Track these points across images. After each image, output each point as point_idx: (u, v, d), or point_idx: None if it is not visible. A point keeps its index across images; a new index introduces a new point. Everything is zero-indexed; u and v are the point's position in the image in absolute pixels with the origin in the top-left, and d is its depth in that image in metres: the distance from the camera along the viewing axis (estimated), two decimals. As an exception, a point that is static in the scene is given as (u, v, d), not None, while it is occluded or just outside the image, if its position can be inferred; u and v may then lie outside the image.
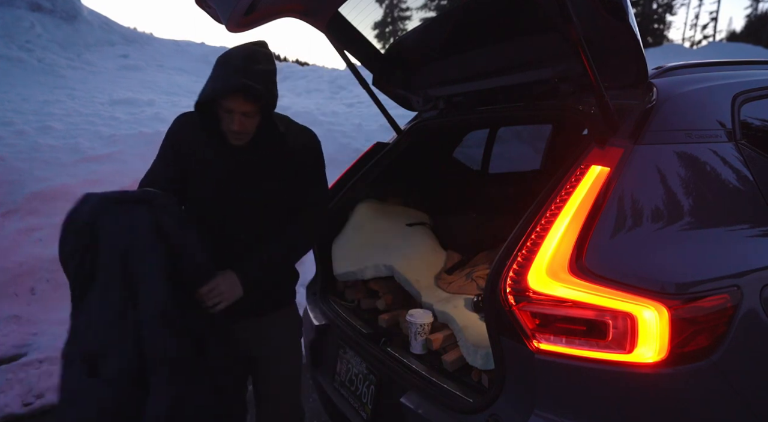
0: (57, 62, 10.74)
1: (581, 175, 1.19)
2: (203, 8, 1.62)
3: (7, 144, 5.16)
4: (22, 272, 3.88)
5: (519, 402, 1.14)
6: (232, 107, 1.31)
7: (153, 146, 1.28)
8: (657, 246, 1.12)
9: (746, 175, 1.31)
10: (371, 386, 1.65)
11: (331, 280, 2.20)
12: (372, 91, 2.24)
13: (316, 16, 1.90)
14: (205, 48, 16.29)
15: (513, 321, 1.11)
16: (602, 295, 1.05)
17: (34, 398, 2.82)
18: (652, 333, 1.03)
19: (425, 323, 1.66)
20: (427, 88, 2.27)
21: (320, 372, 2.00)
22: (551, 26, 1.53)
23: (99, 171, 4.98)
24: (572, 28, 1.12)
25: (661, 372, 1.03)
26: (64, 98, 7.98)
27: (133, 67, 12.13)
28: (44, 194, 4.52)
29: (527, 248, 1.14)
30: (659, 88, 1.35)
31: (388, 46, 2.22)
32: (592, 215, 1.12)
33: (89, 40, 13.20)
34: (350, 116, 8.28)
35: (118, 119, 6.91)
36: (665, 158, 1.23)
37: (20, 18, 11.91)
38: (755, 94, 1.48)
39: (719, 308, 1.08)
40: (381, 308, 2.01)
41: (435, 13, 2.18)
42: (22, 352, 3.23)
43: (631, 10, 1.20)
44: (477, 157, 3.18)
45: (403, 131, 2.37)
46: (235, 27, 1.65)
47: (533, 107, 1.71)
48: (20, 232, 4.15)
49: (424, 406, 1.38)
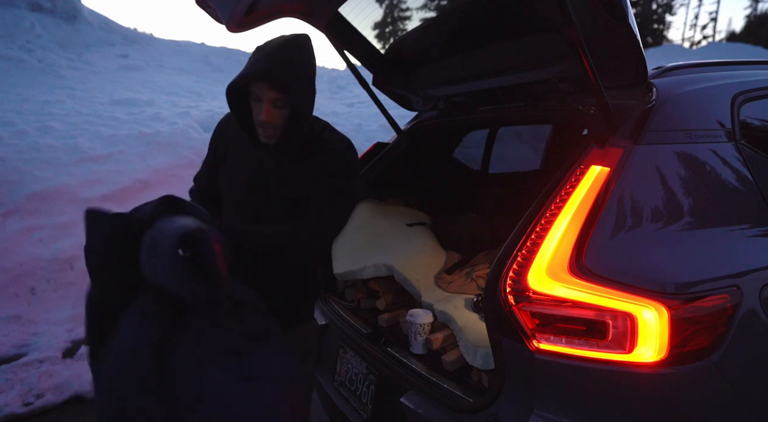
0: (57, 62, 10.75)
1: (581, 175, 1.19)
2: (203, 8, 1.62)
3: (7, 144, 5.17)
4: (22, 272, 3.88)
5: (519, 402, 1.14)
6: (259, 93, 1.27)
7: (153, 146, 1.27)
8: (657, 246, 1.12)
9: (746, 175, 1.31)
10: (371, 386, 1.65)
11: (331, 280, 2.20)
12: (372, 91, 2.24)
13: (316, 16, 1.91)
14: (206, 48, 16.31)
15: (513, 321, 1.12)
16: (602, 295, 1.05)
17: (34, 398, 2.82)
18: (651, 332, 1.03)
19: (425, 323, 1.66)
20: (427, 88, 2.28)
21: (320, 372, 2.00)
22: (551, 26, 1.53)
23: (99, 171, 4.98)
24: (572, 28, 1.12)
25: (661, 371, 1.03)
26: (64, 98, 7.99)
27: (133, 67, 12.15)
28: (44, 194, 4.52)
29: (527, 248, 1.14)
30: (659, 89, 1.35)
31: (388, 46, 2.22)
32: (592, 215, 1.12)
33: (89, 40, 13.21)
34: (350, 116, 8.29)
35: (118, 119, 6.91)
36: (665, 158, 1.23)
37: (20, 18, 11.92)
38: (755, 94, 1.48)
39: (719, 308, 1.08)
40: (381, 308, 2.01)
41: (435, 13, 2.18)
42: (22, 352, 3.23)
43: (631, 10, 1.20)
44: (477, 157, 3.18)
45: (403, 131, 2.37)
46: (235, 27, 1.66)
47: (533, 107, 1.71)
48: (20, 232, 4.16)
49: (424, 406, 1.38)
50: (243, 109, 1.34)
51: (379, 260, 2.00)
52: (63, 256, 4.08)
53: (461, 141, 3.00)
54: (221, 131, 1.51)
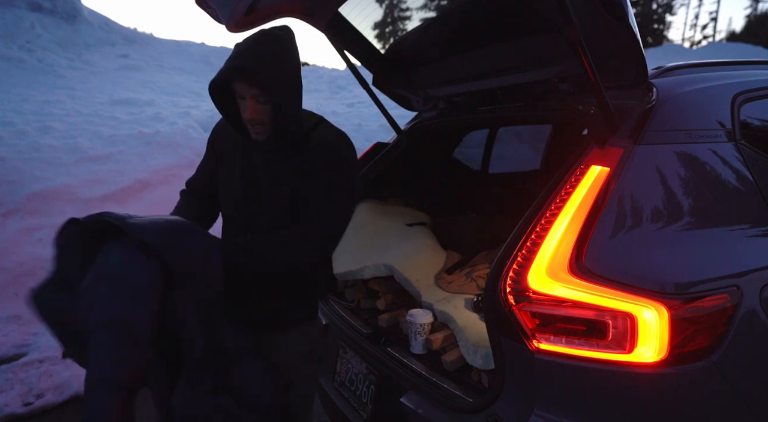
0: (57, 62, 10.75)
1: (581, 175, 1.19)
2: (203, 8, 1.62)
3: (7, 144, 5.17)
4: (23, 272, 3.88)
5: (519, 402, 1.14)
6: (240, 91, 1.25)
7: (153, 146, 1.26)
8: (657, 246, 1.12)
9: (746, 175, 1.31)
10: (371, 386, 1.65)
11: (331, 280, 2.20)
12: (372, 91, 2.24)
13: (316, 16, 1.91)
14: (205, 48, 16.31)
15: (513, 321, 1.12)
16: (602, 295, 1.05)
17: (34, 398, 2.82)
18: (651, 332, 1.03)
19: (425, 323, 1.66)
20: (427, 88, 2.28)
21: (320, 372, 2.00)
22: (551, 26, 1.53)
23: (99, 171, 4.98)
24: (572, 28, 1.12)
25: (661, 371, 1.03)
26: (64, 98, 7.99)
27: (133, 67, 12.15)
28: (44, 194, 4.52)
29: (527, 248, 1.14)
30: (659, 89, 1.35)
31: (388, 46, 2.22)
32: (592, 215, 1.12)
33: (89, 40, 13.22)
34: (350, 116, 8.29)
35: (118, 119, 6.91)
36: (665, 158, 1.23)
37: (20, 18, 11.93)
38: (755, 94, 1.48)
39: (719, 308, 1.08)
40: (381, 308, 2.01)
41: (435, 13, 2.18)
42: (22, 352, 3.24)
43: (631, 10, 1.20)
44: (477, 157, 3.18)
45: (403, 131, 2.37)
46: (235, 27, 1.66)
47: (533, 107, 1.71)
48: (20, 232, 4.16)
49: (424, 406, 1.38)
50: (232, 107, 1.32)
51: (379, 260, 2.00)
52: (63, 256, 4.07)
53: (461, 141, 3.00)
54: (218, 134, 1.50)
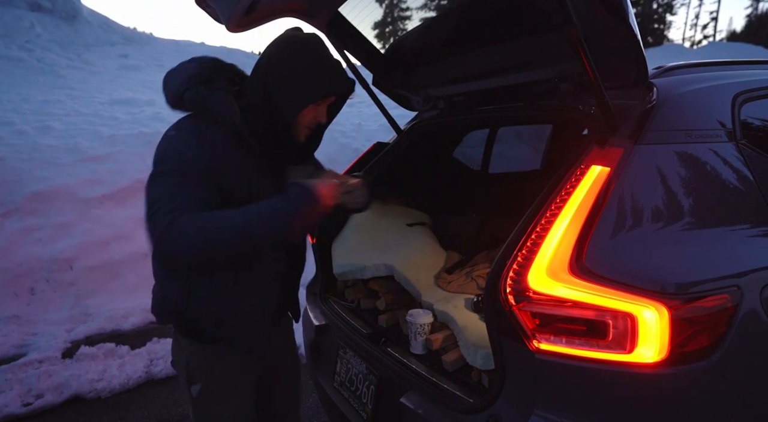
0: (57, 62, 10.76)
1: (581, 175, 1.19)
2: (203, 8, 1.62)
3: (7, 144, 5.17)
4: (22, 272, 3.88)
5: (519, 402, 1.14)
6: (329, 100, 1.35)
7: (153, 146, 1.25)
8: (657, 246, 1.12)
9: (746, 175, 1.31)
10: (371, 386, 1.65)
11: (331, 280, 2.20)
12: (372, 91, 2.24)
13: (316, 16, 1.90)
14: (205, 48, 16.33)
15: (513, 321, 1.11)
16: (602, 295, 1.04)
17: (33, 398, 2.82)
18: (652, 333, 1.03)
19: (425, 323, 1.66)
20: (427, 88, 2.27)
21: (320, 372, 2.00)
22: (551, 26, 1.53)
23: (99, 171, 4.98)
24: (572, 28, 1.12)
25: (662, 372, 1.03)
26: (64, 98, 7.99)
27: (133, 67, 12.15)
28: (44, 194, 4.53)
29: (527, 248, 1.14)
30: (659, 88, 1.34)
31: (388, 46, 2.22)
32: (592, 215, 1.11)
33: (89, 40, 13.22)
34: (350, 116, 8.28)
35: (118, 119, 6.92)
36: (665, 158, 1.23)
37: (20, 18, 11.93)
38: (755, 94, 1.48)
39: (719, 308, 1.08)
40: (381, 308, 2.01)
41: (435, 13, 2.18)
42: (22, 352, 3.24)
43: (631, 10, 1.19)
44: (477, 157, 3.18)
45: (403, 131, 2.37)
46: (235, 27, 1.65)
47: (533, 107, 1.71)
48: (20, 232, 4.16)
49: (424, 406, 1.38)
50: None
51: (379, 260, 2.00)
52: (63, 256, 4.08)
53: (461, 141, 3.00)
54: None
